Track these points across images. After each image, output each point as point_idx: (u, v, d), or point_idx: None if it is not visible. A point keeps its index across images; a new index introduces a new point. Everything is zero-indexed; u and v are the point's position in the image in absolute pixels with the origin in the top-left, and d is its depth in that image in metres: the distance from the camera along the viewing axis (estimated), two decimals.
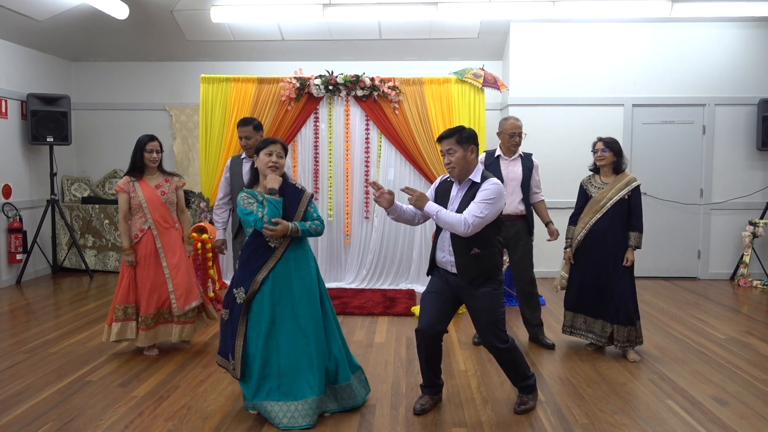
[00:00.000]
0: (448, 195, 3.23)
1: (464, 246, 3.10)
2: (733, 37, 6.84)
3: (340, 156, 6.32)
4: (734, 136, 6.90)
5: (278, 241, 3.12)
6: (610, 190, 4.13)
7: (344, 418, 3.19)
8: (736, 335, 4.76)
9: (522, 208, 4.39)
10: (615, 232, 4.10)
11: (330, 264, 6.42)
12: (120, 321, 4.09)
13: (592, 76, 6.90)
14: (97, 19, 6.50)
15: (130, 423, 3.12)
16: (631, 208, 4.10)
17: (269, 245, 3.12)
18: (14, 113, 6.68)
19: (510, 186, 4.36)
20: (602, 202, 4.13)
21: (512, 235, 4.37)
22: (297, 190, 3.25)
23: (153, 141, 4.17)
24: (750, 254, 6.70)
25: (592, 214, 4.16)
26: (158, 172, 4.25)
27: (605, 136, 4.21)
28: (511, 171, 4.41)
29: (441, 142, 3.17)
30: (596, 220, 4.14)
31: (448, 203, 3.20)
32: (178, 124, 7.65)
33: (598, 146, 4.19)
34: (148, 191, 4.14)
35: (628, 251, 4.10)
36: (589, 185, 4.27)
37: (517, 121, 4.46)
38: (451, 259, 3.16)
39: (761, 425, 3.13)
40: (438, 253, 3.24)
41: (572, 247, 4.26)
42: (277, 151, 3.15)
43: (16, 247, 6.49)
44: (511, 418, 3.22)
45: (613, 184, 4.14)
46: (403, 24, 6.80)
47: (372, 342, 4.55)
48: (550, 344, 4.38)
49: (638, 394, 3.54)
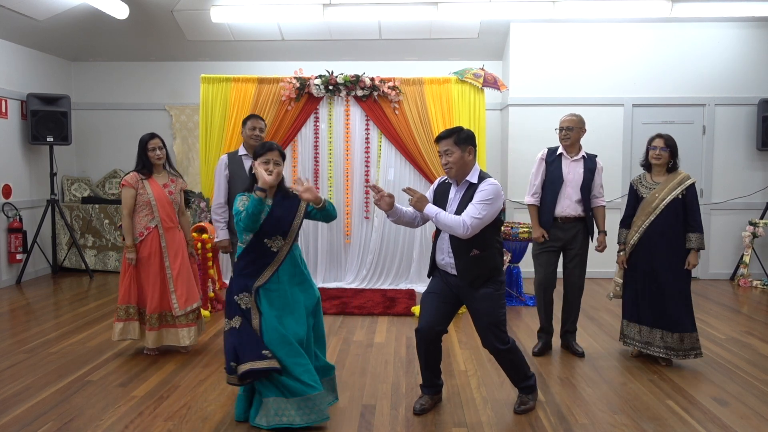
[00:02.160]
0: (446, 196, 3.23)
1: (463, 248, 3.10)
2: (733, 37, 6.84)
3: (340, 156, 6.32)
4: (734, 136, 6.90)
5: (279, 245, 3.10)
6: (662, 190, 3.91)
7: (344, 418, 3.19)
8: (736, 335, 4.76)
9: (580, 211, 4.17)
10: (670, 235, 3.90)
11: (330, 264, 6.42)
12: (122, 321, 4.08)
13: (592, 76, 6.90)
14: (97, 19, 6.50)
15: (130, 423, 3.12)
16: (688, 207, 3.88)
17: (271, 250, 3.10)
18: (14, 113, 6.68)
19: (569, 186, 4.16)
20: (654, 204, 3.91)
21: (569, 237, 4.19)
22: (292, 198, 3.18)
23: (153, 139, 4.14)
24: (750, 254, 6.70)
25: (644, 216, 3.95)
26: (164, 171, 4.23)
27: (664, 133, 4.00)
28: (571, 171, 4.18)
29: (439, 142, 3.16)
30: (650, 223, 3.93)
31: (446, 205, 3.20)
32: (178, 124, 7.65)
33: (656, 143, 3.94)
34: (157, 189, 4.12)
35: (691, 255, 3.89)
36: (640, 185, 4.04)
37: (571, 115, 4.21)
38: (450, 261, 3.16)
39: (761, 425, 3.13)
40: (438, 255, 3.24)
41: (626, 251, 4.06)
42: (274, 159, 3.10)
43: (16, 246, 6.49)
44: (511, 418, 3.22)
45: (665, 184, 3.92)
46: (403, 24, 6.80)
47: (372, 342, 4.55)
48: (581, 352, 4.23)
49: (638, 394, 3.53)
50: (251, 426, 3.07)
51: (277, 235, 3.11)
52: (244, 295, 3.06)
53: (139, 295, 4.13)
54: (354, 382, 3.71)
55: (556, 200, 4.18)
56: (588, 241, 4.26)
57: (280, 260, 3.11)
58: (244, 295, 3.06)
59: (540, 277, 4.30)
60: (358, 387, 3.63)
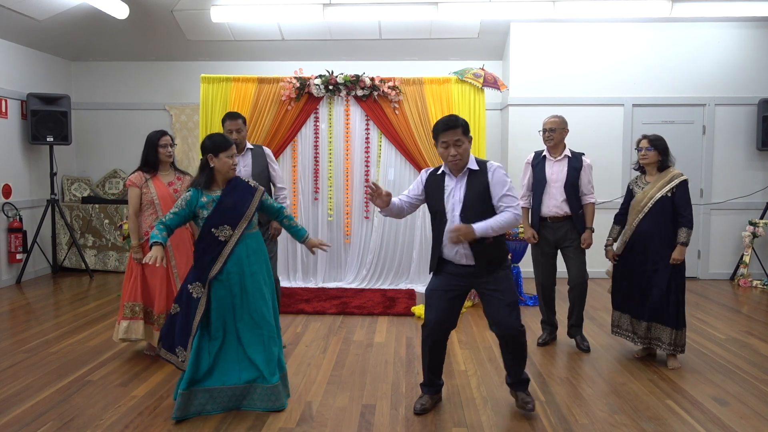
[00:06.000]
0: (441, 187, 3.17)
1: None
2: (733, 37, 6.84)
3: (340, 156, 6.32)
4: (734, 136, 6.90)
5: (227, 235, 3.16)
6: (652, 188, 3.95)
7: (344, 417, 3.19)
8: (736, 335, 4.76)
9: (567, 209, 4.25)
10: (660, 232, 3.92)
11: (330, 264, 6.42)
12: (128, 319, 4.01)
13: (592, 76, 6.90)
14: (97, 18, 6.50)
15: (130, 423, 3.12)
16: (676, 204, 3.89)
17: (219, 239, 3.16)
18: (14, 113, 6.68)
19: (552, 187, 4.25)
20: (643, 202, 3.96)
21: (560, 236, 4.29)
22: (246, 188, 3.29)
23: (165, 135, 4.12)
24: (750, 254, 6.70)
25: (634, 215, 4.01)
26: (171, 169, 4.19)
27: (650, 134, 4.05)
28: (554, 171, 4.28)
29: (445, 132, 3.06)
30: (638, 221, 3.98)
31: (444, 196, 3.14)
32: (178, 124, 7.65)
33: (642, 144, 4.01)
34: (160, 188, 4.07)
35: (676, 249, 3.87)
36: (635, 186, 4.11)
37: (552, 117, 4.30)
38: (465, 252, 3.10)
39: (761, 425, 3.13)
40: (447, 249, 3.15)
41: (614, 246, 4.16)
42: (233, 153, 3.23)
43: (16, 246, 6.49)
44: (511, 418, 3.22)
45: (655, 182, 3.96)
46: (403, 24, 6.80)
47: (372, 342, 4.55)
48: (586, 346, 4.31)
49: (638, 394, 3.54)
50: (252, 425, 3.08)
51: (225, 224, 3.16)
52: (197, 285, 3.15)
53: (144, 294, 4.06)
54: (354, 382, 3.71)
55: (541, 201, 4.30)
56: (580, 237, 4.32)
57: (228, 251, 3.16)
58: (197, 284, 3.16)
59: (538, 276, 4.46)
60: (358, 387, 3.63)
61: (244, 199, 3.24)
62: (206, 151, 3.22)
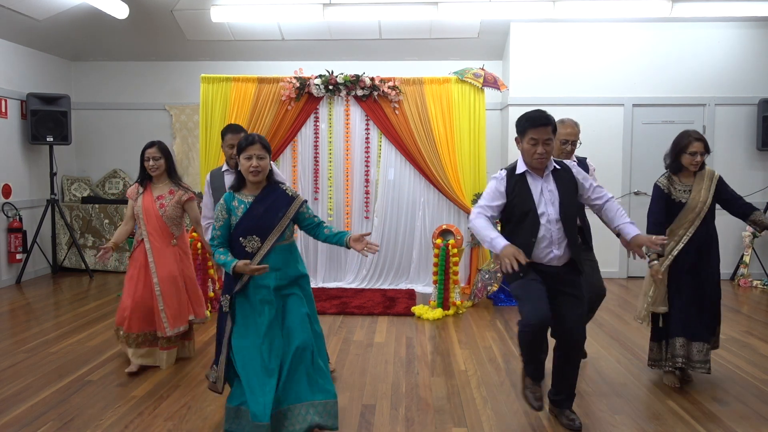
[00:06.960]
0: (526, 187, 2.98)
1: (574, 234, 3.02)
2: (733, 37, 6.84)
3: (340, 156, 6.32)
4: (734, 136, 6.90)
5: (254, 247, 2.86)
6: (700, 192, 3.56)
7: (344, 417, 3.19)
8: (736, 335, 4.76)
9: None
10: (714, 239, 3.63)
11: (330, 264, 6.43)
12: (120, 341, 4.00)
13: (592, 75, 6.90)
14: (97, 18, 6.50)
15: (130, 423, 3.12)
16: (728, 197, 3.58)
17: (245, 250, 2.86)
18: (14, 113, 6.67)
19: None
20: (698, 209, 3.55)
21: None
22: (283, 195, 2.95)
23: (150, 148, 3.87)
24: (750, 254, 6.70)
25: (688, 223, 3.56)
26: (166, 181, 3.96)
27: (692, 131, 3.62)
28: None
29: (536, 129, 2.89)
30: (695, 228, 3.56)
31: (532, 198, 2.96)
32: (178, 124, 7.65)
33: (696, 147, 3.52)
34: (147, 201, 3.87)
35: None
36: (674, 189, 3.60)
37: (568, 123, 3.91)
38: (558, 253, 2.97)
39: (761, 425, 3.13)
40: (541, 252, 2.96)
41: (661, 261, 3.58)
42: (256, 153, 2.84)
43: (16, 246, 6.49)
44: (511, 418, 3.22)
45: (699, 186, 3.57)
46: (403, 24, 6.80)
47: (372, 342, 4.55)
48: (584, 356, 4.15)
49: (638, 394, 3.54)
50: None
51: (254, 235, 2.85)
52: (226, 298, 2.89)
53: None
54: (354, 382, 3.71)
55: None
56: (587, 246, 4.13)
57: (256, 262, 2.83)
58: (226, 297, 2.89)
59: None
60: (358, 387, 3.63)
61: (277, 208, 2.89)
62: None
